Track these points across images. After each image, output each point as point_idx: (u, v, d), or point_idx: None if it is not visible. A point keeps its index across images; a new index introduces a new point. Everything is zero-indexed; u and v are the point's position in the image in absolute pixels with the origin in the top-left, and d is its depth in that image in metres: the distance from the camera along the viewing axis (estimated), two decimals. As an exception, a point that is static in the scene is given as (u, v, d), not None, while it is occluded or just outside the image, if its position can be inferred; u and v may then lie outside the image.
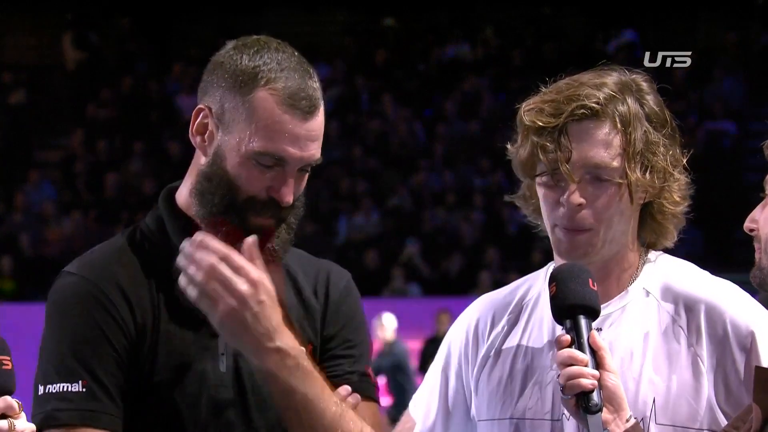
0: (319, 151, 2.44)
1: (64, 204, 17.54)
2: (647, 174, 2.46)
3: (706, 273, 2.58)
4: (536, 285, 2.64)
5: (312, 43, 19.52)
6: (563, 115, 2.44)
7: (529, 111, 2.49)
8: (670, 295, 2.53)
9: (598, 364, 2.34)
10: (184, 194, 2.52)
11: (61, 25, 20.17)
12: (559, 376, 2.35)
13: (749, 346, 2.46)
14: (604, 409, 2.33)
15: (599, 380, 2.33)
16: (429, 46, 19.44)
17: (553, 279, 2.42)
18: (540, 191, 2.50)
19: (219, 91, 2.42)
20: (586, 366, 2.32)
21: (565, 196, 2.45)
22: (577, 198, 2.45)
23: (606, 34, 18.68)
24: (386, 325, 12.71)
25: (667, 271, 2.56)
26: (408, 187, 17.47)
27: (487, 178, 17.28)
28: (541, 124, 2.45)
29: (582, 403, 2.31)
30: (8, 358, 2.18)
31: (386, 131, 17.93)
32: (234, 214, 2.41)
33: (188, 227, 2.44)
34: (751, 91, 17.84)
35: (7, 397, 2.13)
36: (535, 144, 2.46)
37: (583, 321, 2.36)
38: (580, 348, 2.34)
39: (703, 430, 2.47)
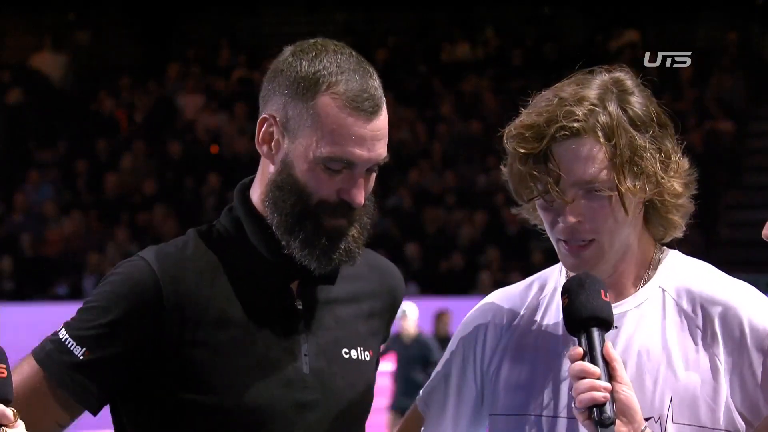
0: (386, 149, 2.48)
1: (64, 204, 17.54)
2: (637, 181, 2.46)
3: (721, 273, 2.57)
4: (551, 281, 2.64)
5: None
6: (545, 139, 2.44)
7: (511, 138, 2.49)
8: (686, 294, 2.52)
9: (611, 376, 2.34)
10: (256, 197, 2.52)
11: (61, 25, 20.16)
12: (572, 388, 2.35)
13: (767, 348, 2.46)
14: (618, 421, 2.33)
15: (612, 392, 2.32)
16: (429, 46, 19.45)
17: (565, 291, 2.42)
18: (538, 210, 2.51)
19: (282, 99, 2.44)
20: (598, 378, 2.32)
21: (560, 216, 2.45)
22: (572, 217, 2.45)
23: (606, 34, 18.68)
24: (409, 316, 12.55)
25: (682, 271, 2.55)
26: (408, 187, 17.48)
27: (487, 178, 17.28)
28: (524, 151, 2.45)
29: (594, 415, 2.31)
30: (5, 366, 2.16)
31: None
32: (307, 219, 2.42)
33: (266, 229, 2.46)
34: (751, 92, 17.84)
35: (2, 406, 2.12)
36: (522, 172, 2.46)
37: (596, 333, 2.37)
38: (593, 360, 2.34)
39: (720, 430, 2.46)
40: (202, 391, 2.40)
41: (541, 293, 2.63)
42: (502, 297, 2.69)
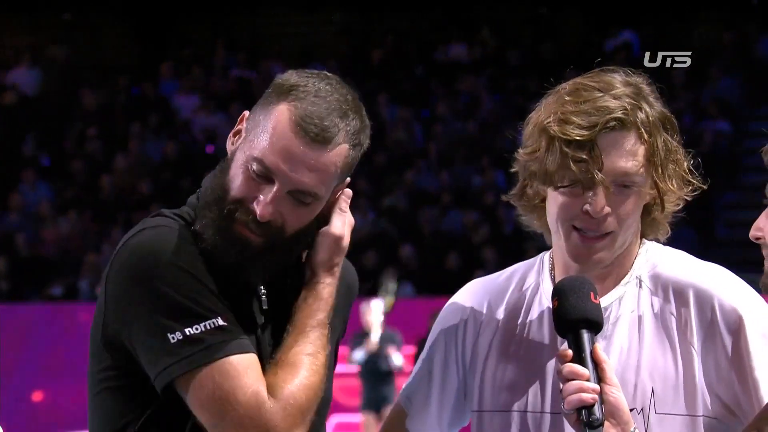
0: (318, 186, 2.40)
1: (60, 204, 17.53)
2: (673, 181, 2.49)
3: (694, 258, 2.60)
4: (532, 274, 2.65)
5: (306, 44, 19.54)
6: (597, 127, 2.45)
7: (557, 122, 2.48)
8: (659, 282, 2.55)
9: (600, 377, 2.36)
10: None
11: (56, 25, 20.16)
12: (561, 390, 2.36)
13: (738, 329, 2.47)
14: (606, 423, 2.34)
15: (601, 394, 2.34)
16: (426, 46, 19.45)
17: (556, 293, 2.44)
18: (558, 199, 2.50)
19: (260, 103, 2.45)
20: (587, 380, 2.33)
21: (591, 206, 2.45)
22: (604, 206, 2.46)
23: (603, 34, 18.69)
24: (374, 312, 12.53)
25: (656, 259, 2.58)
26: (404, 187, 17.48)
27: (483, 178, 17.29)
28: (574, 136, 2.45)
29: (583, 417, 2.32)
30: None
31: (383, 131, 17.93)
32: (219, 212, 2.41)
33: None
34: (748, 92, 17.86)
35: None
36: (566, 155, 2.45)
37: (585, 335, 2.38)
38: (582, 362, 2.36)
39: (702, 416, 2.48)
40: None
41: (523, 286, 2.64)
42: (481, 288, 2.69)
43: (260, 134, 2.39)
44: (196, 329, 2.34)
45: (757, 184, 2.40)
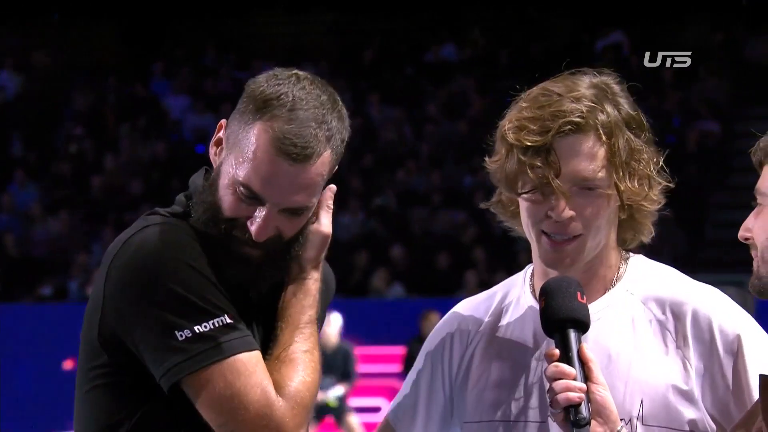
0: (307, 199, 2.41)
1: (50, 204, 17.50)
2: (635, 182, 2.47)
3: (687, 277, 2.60)
4: (515, 288, 2.65)
5: (297, 44, 19.52)
6: (550, 132, 2.44)
7: (513, 129, 2.48)
8: (655, 299, 2.54)
9: (587, 377, 2.36)
10: None
11: (47, 25, 20.13)
12: (548, 390, 2.36)
13: (736, 351, 2.47)
14: (593, 422, 2.34)
15: (587, 393, 2.34)
16: (416, 47, 19.45)
17: (543, 293, 2.44)
18: (524, 204, 2.51)
19: (237, 112, 2.45)
20: (574, 379, 2.34)
21: (554, 211, 2.45)
22: (567, 212, 2.46)
23: (592, 34, 18.71)
24: (333, 324, 12.21)
25: (649, 275, 2.57)
26: (394, 187, 17.48)
27: (473, 178, 17.29)
28: (528, 143, 2.45)
29: (570, 416, 2.32)
30: None
31: (373, 132, 17.94)
32: (216, 229, 2.42)
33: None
34: (737, 92, 17.88)
35: None
36: (522, 162, 2.46)
37: (572, 334, 2.39)
38: (569, 361, 2.36)
39: (688, 431, 2.47)
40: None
41: (505, 300, 2.64)
42: (466, 307, 2.70)
43: (242, 155, 2.39)
44: (206, 326, 2.32)
45: (746, 184, 2.41)
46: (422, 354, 2.71)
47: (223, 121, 2.49)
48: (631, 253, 2.60)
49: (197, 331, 2.32)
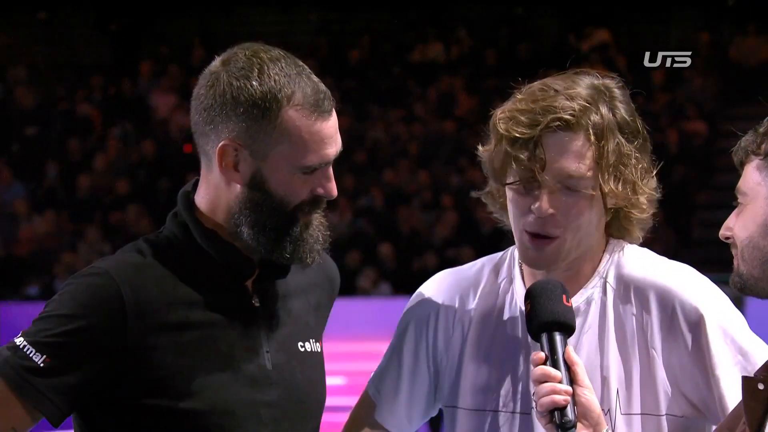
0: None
1: (36, 203, 17.46)
2: (619, 185, 2.48)
3: (659, 257, 2.60)
4: (503, 269, 2.65)
5: (284, 43, 19.48)
6: (539, 126, 2.45)
7: (504, 119, 2.49)
8: (622, 282, 2.56)
9: (573, 379, 2.37)
10: (203, 205, 2.54)
11: (32, 24, 20.08)
12: (534, 393, 2.37)
13: (698, 327, 2.49)
14: (579, 424, 2.36)
15: (573, 396, 2.35)
16: (403, 46, 19.45)
17: (528, 296, 2.45)
18: (509, 196, 2.52)
19: (240, 125, 2.46)
20: (560, 382, 2.35)
21: (536, 205, 2.46)
22: (548, 207, 2.46)
23: (579, 34, 18.73)
24: None
25: (621, 259, 2.59)
26: (381, 186, 17.47)
27: (461, 177, 17.30)
28: (516, 134, 2.46)
29: (556, 419, 2.34)
30: None
31: (361, 131, 17.93)
32: (289, 228, 2.47)
33: (214, 233, 2.49)
34: (722, 92, 17.92)
35: None
36: (509, 153, 2.47)
37: (558, 337, 2.40)
38: (555, 364, 2.38)
39: (665, 414, 2.49)
40: (168, 395, 2.40)
41: (495, 281, 2.64)
42: (452, 281, 2.70)
43: (291, 146, 2.45)
44: (22, 344, 2.45)
45: (732, 184, 2.42)
46: (403, 325, 2.70)
47: (226, 144, 2.48)
48: (611, 240, 2.60)
49: (18, 342, 2.46)
